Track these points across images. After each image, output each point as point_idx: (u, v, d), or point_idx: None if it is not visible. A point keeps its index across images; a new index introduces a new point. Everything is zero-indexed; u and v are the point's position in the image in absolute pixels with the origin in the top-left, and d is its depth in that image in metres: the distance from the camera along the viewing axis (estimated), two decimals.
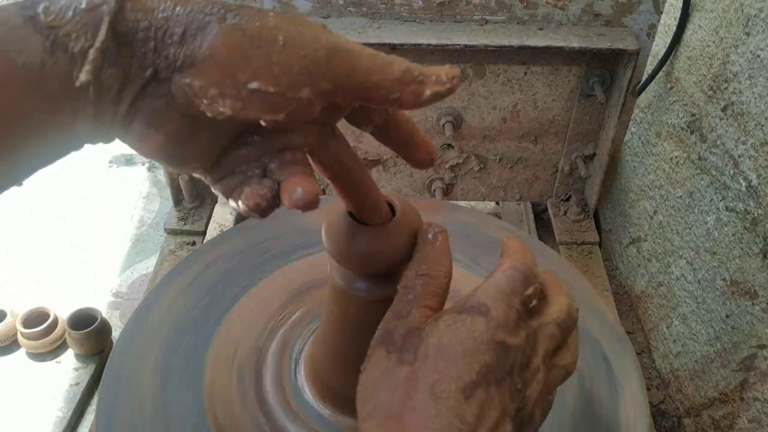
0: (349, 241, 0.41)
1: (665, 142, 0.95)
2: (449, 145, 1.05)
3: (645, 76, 0.98)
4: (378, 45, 0.87)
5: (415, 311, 0.38)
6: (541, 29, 0.92)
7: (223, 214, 1.14)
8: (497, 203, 1.26)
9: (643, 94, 0.99)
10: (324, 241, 0.43)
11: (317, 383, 0.54)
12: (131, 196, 1.33)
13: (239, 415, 0.54)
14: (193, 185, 1.13)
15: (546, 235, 1.17)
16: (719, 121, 0.80)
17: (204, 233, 1.12)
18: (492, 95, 0.99)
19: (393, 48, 0.89)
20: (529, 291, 0.38)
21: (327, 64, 0.30)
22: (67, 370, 0.93)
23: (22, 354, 0.96)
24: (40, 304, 0.97)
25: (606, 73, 0.96)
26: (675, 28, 0.89)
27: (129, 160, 1.42)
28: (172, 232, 1.12)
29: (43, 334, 0.94)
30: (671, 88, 0.93)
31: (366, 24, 0.91)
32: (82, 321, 0.93)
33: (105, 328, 0.95)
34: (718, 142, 0.80)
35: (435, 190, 1.09)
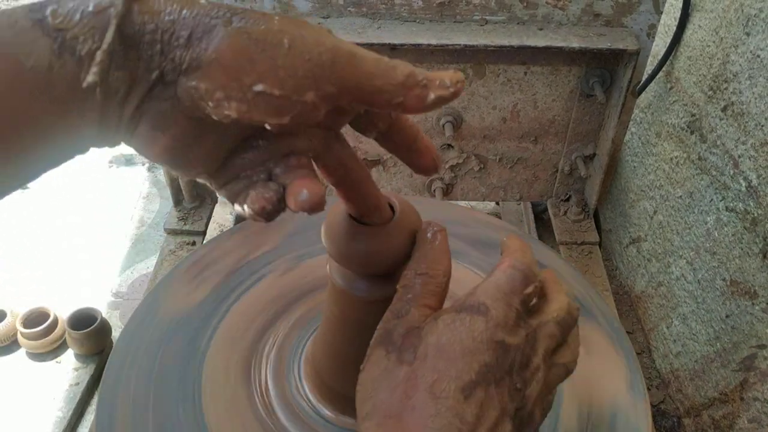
0: (349, 242, 0.41)
1: (665, 142, 0.95)
2: (449, 145, 1.05)
3: (645, 76, 0.97)
4: (378, 45, 0.87)
5: (415, 310, 0.38)
6: (541, 29, 0.92)
7: (223, 214, 1.15)
8: (497, 203, 1.26)
9: (643, 94, 0.99)
10: (324, 242, 0.43)
11: (317, 383, 0.54)
12: (131, 196, 1.33)
13: (239, 415, 0.54)
14: (193, 185, 1.13)
15: (546, 235, 1.17)
16: (719, 121, 0.80)
17: (204, 233, 1.12)
18: (492, 95, 0.99)
19: (393, 48, 0.89)
20: (529, 290, 0.38)
21: (331, 68, 0.30)
22: (67, 370, 0.93)
23: (22, 354, 0.96)
24: (40, 304, 0.97)
25: (606, 73, 0.96)
26: (675, 28, 0.89)
27: (129, 160, 1.42)
28: (172, 232, 1.12)
29: (43, 334, 0.94)
30: (671, 88, 0.93)
31: (366, 24, 0.91)
32: (82, 321, 0.93)
33: (105, 328, 0.95)
34: (718, 142, 0.80)
35: (435, 190, 1.09)
